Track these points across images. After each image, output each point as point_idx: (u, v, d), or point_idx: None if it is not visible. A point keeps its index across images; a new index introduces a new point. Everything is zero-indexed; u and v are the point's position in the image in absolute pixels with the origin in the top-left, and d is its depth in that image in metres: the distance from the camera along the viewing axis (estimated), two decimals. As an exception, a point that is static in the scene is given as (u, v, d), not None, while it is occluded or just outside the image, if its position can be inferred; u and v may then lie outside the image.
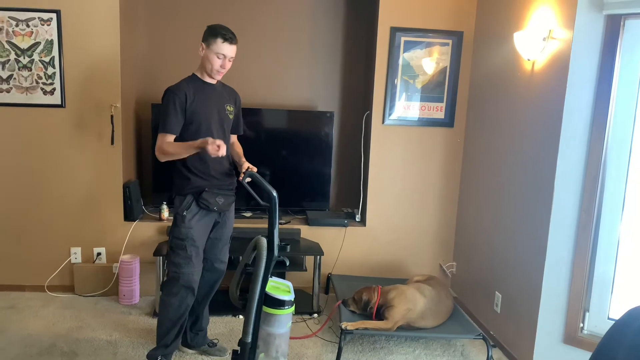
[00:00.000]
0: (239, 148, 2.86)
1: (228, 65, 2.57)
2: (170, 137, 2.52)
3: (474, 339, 2.97)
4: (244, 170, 2.54)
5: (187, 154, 2.49)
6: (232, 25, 3.83)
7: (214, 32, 2.50)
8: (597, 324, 2.64)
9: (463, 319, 3.14)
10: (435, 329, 3.03)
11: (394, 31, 3.61)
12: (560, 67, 2.62)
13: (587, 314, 2.67)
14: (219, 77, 2.62)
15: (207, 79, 2.63)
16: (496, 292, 3.21)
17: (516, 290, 2.99)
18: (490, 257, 3.33)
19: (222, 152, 2.36)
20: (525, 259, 2.90)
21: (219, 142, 2.36)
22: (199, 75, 2.63)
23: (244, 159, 2.70)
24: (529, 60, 2.88)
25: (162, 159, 2.53)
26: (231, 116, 2.72)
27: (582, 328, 2.68)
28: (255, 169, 2.55)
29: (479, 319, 3.44)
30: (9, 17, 3.35)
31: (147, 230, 3.63)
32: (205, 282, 2.78)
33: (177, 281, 2.57)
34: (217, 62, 2.53)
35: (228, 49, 2.52)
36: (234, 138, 2.88)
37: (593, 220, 2.60)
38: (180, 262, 2.57)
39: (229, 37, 2.51)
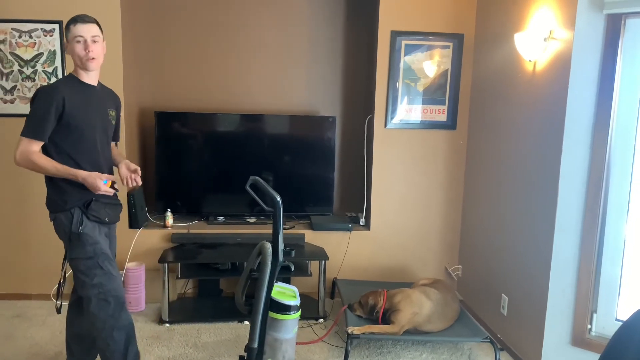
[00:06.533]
0: (117, 150, 2.63)
1: (95, 47, 2.27)
2: (38, 145, 2.24)
3: (481, 342, 2.95)
4: (122, 177, 2.40)
5: (63, 177, 2.25)
6: (232, 30, 3.90)
7: (67, 23, 2.28)
8: (605, 325, 2.62)
9: (470, 322, 3.13)
10: (442, 332, 3.02)
11: (395, 35, 3.62)
12: (561, 68, 2.62)
13: (594, 315, 2.65)
14: (94, 66, 2.30)
15: (86, 79, 2.34)
16: (502, 294, 3.19)
17: (523, 292, 2.98)
18: (496, 260, 3.32)
19: (113, 190, 2.25)
20: (531, 260, 2.89)
21: (108, 178, 2.22)
22: (76, 75, 2.34)
23: (123, 159, 2.51)
24: (530, 61, 2.88)
25: (24, 166, 2.25)
26: (113, 121, 2.48)
27: (590, 330, 2.66)
28: (136, 176, 2.40)
29: (485, 322, 3.43)
30: (12, 29, 3.38)
31: (151, 238, 3.63)
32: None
33: (107, 301, 2.30)
34: (79, 48, 2.25)
35: (83, 29, 2.24)
36: (112, 144, 2.62)
37: (598, 221, 2.59)
38: (100, 281, 2.29)
39: (80, 18, 2.27)
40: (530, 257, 2.90)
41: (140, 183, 2.45)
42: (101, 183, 2.23)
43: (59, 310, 2.49)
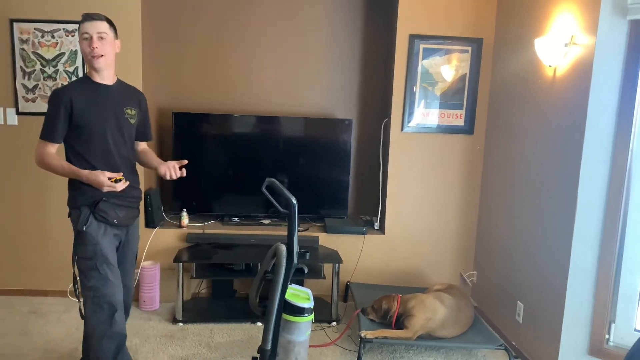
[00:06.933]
0: (151, 154, 2.63)
1: (101, 44, 2.25)
2: (53, 147, 2.30)
3: (496, 349, 2.92)
4: (164, 168, 2.40)
5: (70, 177, 2.31)
6: (249, 32, 3.92)
7: (79, 23, 2.29)
8: (624, 335, 2.58)
9: (484, 328, 3.10)
10: (455, 338, 2.99)
11: (413, 38, 3.61)
12: (583, 73, 2.59)
13: (612, 325, 2.61)
14: (100, 64, 2.28)
15: (99, 79, 2.33)
16: (518, 301, 3.16)
17: (539, 300, 2.94)
18: (512, 266, 3.28)
19: (120, 186, 2.24)
20: (548, 268, 2.85)
21: (113, 175, 2.22)
22: (90, 75, 2.34)
23: (160, 160, 2.52)
24: (550, 66, 2.84)
25: (41, 167, 2.32)
26: (132, 121, 2.43)
27: (608, 340, 2.62)
28: (175, 167, 2.39)
29: (500, 329, 3.39)
30: (34, 29, 3.44)
31: (167, 237, 3.66)
32: None
33: (100, 306, 2.29)
34: (85, 45, 2.25)
35: (89, 27, 2.24)
36: (143, 145, 2.64)
37: (618, 229, 2.54)
38: (95, 284, 2.28)
39: (88, 16, 2.27)
40: (547, 264, 2.86)
41: (182, 174, 2.43)
42: (105, 178, 2.21)
43: (81, 314, 2.46)
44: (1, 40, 3.44)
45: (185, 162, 2.45)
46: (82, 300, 2.37)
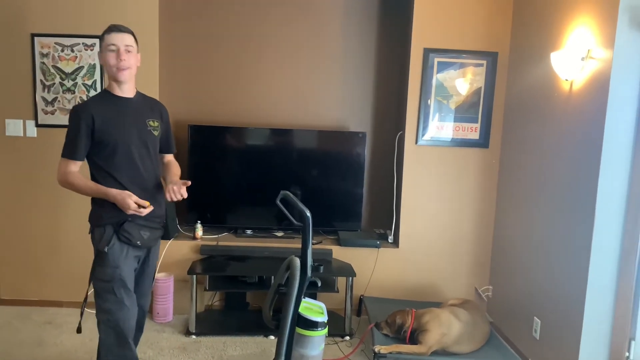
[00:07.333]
0: (175, 168, 2.58)
1: (127, 57, 2.24)
2: (75, 165, 2.28)
3: (512, 366, 2.87)
4: (167, 190, 2.31)
5: (97, 196, 2.27)
6: (264, 45, 3.96)
7: (102, 33, 2.26)
8: (644, 353, 2.52)
9: (500, 345, 3.05)
10: (471, 354, 2.94)
11: (427, 52, 3.61)
12: (600, 87, 2.56)
13: (632, 342, 2.55)
14: (125, 77, 2.27)
15: (119, 92, 2.31)
16: (535, 317, 3.11)
17: (556, 315, 2.89)
18: (529, 281, 3.23)
19: (144, 212, 2.19)
20: (566, 283, 2.80)
21: (139, 200, 2.17)
22: (110, 89, 2.32)
23: (176, 179, 2.44)
24: (566, 80, 2.83)
25: (64, 186, 2.30)
26: (156, 132, 2.41)
27: (628, 357, 2.56)
28: (180, 189, 2.28)
29: (516, 346, 3.33)
30: (55, 43, 3.51)
31: (181, 249, 3.67)
32: None
33: (113, 329, 2.29)
34: (112, 57, 2.22)
35: (117, 38, 2.22)
36: (168, 157, 2.61)
37: (638, 245, 2.49)
38: (110, 307, 2.27)
39: (115, 27, 2.25)
40: (564, 280, 2.82)
41: (185, 195, 2.32)
42: (132, 201, 2.18)
43: (78, 329, 2.49)
44: (22, 54, 3.53)
45: (189, 183, 2.37)
46: (83, 317, 2.41)
